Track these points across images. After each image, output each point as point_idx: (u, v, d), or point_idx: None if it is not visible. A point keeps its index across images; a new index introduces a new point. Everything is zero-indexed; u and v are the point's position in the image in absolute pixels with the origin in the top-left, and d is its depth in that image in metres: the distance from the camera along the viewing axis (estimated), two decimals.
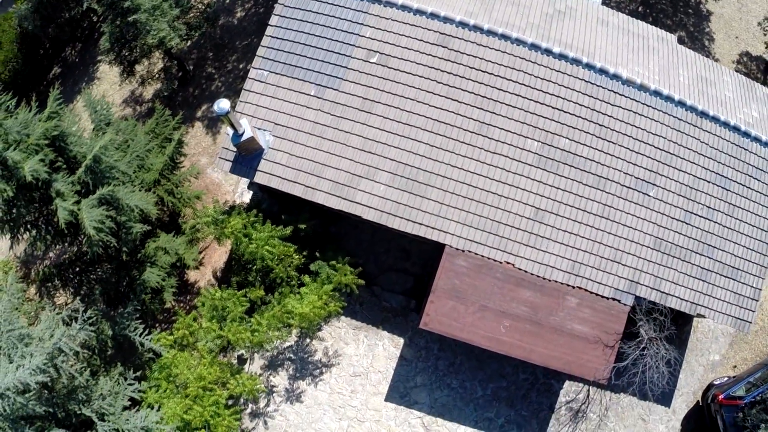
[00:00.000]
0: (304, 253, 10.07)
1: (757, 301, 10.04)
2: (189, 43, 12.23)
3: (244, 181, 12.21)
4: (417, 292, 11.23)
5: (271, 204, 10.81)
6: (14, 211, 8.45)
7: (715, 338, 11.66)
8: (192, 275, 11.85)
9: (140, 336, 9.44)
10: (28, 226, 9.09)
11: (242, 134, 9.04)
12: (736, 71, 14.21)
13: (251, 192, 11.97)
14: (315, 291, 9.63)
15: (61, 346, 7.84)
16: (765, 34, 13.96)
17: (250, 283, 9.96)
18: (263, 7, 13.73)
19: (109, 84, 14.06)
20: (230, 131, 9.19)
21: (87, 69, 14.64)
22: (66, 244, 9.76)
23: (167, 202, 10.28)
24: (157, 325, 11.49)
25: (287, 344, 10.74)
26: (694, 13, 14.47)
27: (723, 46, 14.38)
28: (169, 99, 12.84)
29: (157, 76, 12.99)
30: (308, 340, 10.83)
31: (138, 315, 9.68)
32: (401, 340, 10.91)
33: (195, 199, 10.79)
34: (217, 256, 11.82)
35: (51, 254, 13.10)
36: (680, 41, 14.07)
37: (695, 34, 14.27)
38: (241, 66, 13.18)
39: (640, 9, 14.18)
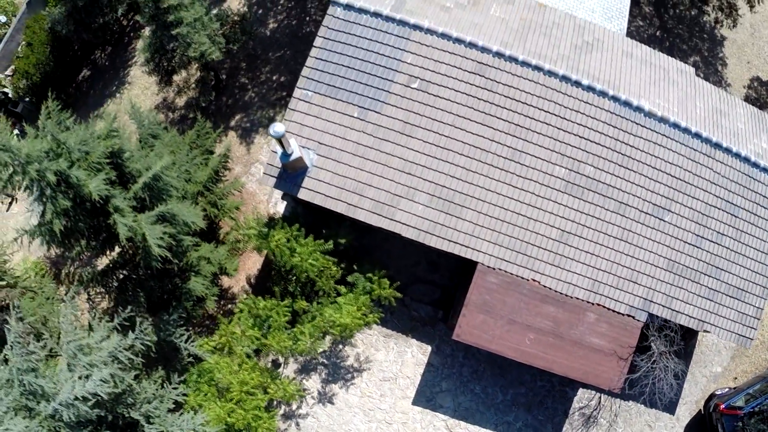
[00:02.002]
0: (342, 265, 11.13)
1: (758, 319, 11.39)
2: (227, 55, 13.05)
3: (279, 191, 13.19)
4: (444, 303, 12.40)
5: (306, 215, 11.83)
6: (71, 225, 9.28)
7: (718, 351, 13.05)
8: (226, 280, 12.85)
9: (184, 342, 10.46)
10: (78, 236, 9.96)
11: (291, 154, 10.03)
12: (747, 96, 15.50)
13: (285, 202, 12.97)
14: (353, 302, 10.72)
15: (117, 355, 8.80)
16: None
17: (290, 292, 11.01)
18: (295, 19, 14.61)
19: (140, 89, 14.85)
20: (278, 150, 10.17)
21: (117, 73, 15.38)
22: (109, 251, 10.67)
23: (209, 213, 11.24)
24: (191, 327, 12.49)
25: (321, 349, 11.83)
26: (708, 38, 15.69)
27: (735, 70, 15.64)
28: (203, 108, 13.71)
29: (194, 86, 13.83)
30: (341, 346, 11.95)
31: (182, 322, 10.68)
32: (429, 348, 12.09)
33: (235, 209, 11.76)
34: (251, 262, 12.83)
35: (82, 256, 13.96)
36: (695, 66, 15.30)
37: (709, 59, 15.50)
38: (274, 78, 14.09)
39: (657, 33, 15.36)
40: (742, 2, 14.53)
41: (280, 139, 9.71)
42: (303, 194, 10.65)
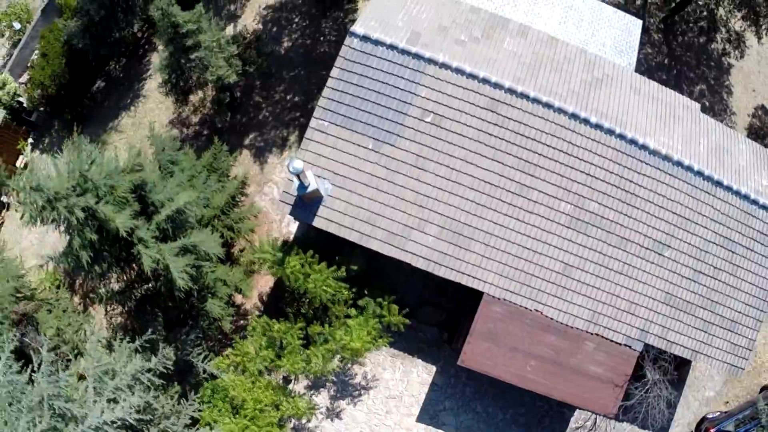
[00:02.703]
0: (353, 289, 11.78)
1: (750, 350, 12.10)
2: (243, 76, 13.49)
3: None
4: (450, 326, 13.09)
5: (318, 236, 12.42)
6: (96, 254, 9.82)
7: (711, 376, 13.80)
8: (239, 297, 13.50)
9: (201, 361, 11.15)
10: (102, 263, 10.53)
11: (308, 186, 10.59)
12: (751, 125, 16.00)
13: (298, 222, 13.56)
14: (363, 325, 11.39)
15: (139, 377, 9.46)
16: None
17: (303, 314, 11.67)
18: (310, 39, 15.01)
19: (155, 103, 15.31)
20: (296, 182, 10.72)
21: (132, 85, 15.81)
22: (129, 273, 11.27)
23: (226, 236, 11.84)
24: (204, 342, 13.18)
25: (332, 369, 12.53)
26: (715, 66, 16.12)
27: (741, 99, 16.11)
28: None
29: (209, 105, 14.29)
30: (350, 364, 12.66)
31: (198, 341, 11.36)
32: (434, 368, 12.81)
33: (250, 231, 12.36)
34: (264, 281, 13.47)
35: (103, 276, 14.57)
36: (701, 94, 15.76)
37: (715, 87, 15.96)
38: (288, 97, 14.55)
39: (665, 61, 15.79)
40: (750, 33, 14.97)
41: (300, 178, 10.25)
42: (318, 222, 11.23)
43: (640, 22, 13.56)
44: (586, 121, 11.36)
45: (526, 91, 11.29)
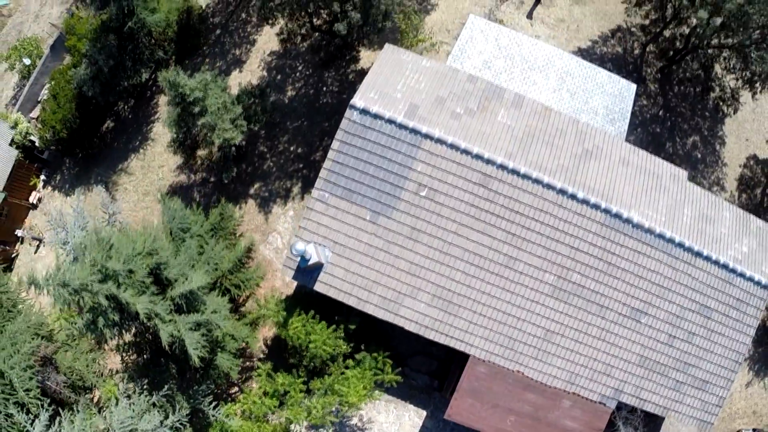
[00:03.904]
0: (351, 344, 13.16)
1: (720, 407, 13.44)
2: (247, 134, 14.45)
3: None
4: (440, 374, 14.50)
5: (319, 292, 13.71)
6: (117, 328, 11.15)
7: (685, 423, 15.19)
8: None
9: (212, 409, 12.68)
10: (122, 332, 11.86)
11: (309, 259, 11.81)
12: (742, 176, 16.80)
13: None
14: (360, 378, 12.82)
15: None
16: None
17: (305, 366, 13.10)
18: (313, 88, 15.90)
19: (162, 147, 16.39)
20: (298, 254, 11.92)
21: (141, 128, 16.87)
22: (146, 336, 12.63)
23: (233, 294, 13.18)
24: (214, 390, 14.66)
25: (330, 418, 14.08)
26: (710, 116, 16.82)
27: (733, 149, 16.88)
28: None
29: (216, 160, 15.36)
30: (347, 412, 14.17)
31: (209, 391, 12.85)
32: (424, 413, 14.30)
33: (256, 286, 13.68)
34: (267, 328, 14.87)
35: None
36: (693, 146, 16.54)
37: (708, 138, 16.73)
38: (291, 148, 15.58)
39: (660, 113, 16.52)
40: (744, 90, 15.59)
41: (303, 257, 11.45)
42: (318, 287, 12.50)
43: (634, 86, 14.33)
44: (573, 197, 12.38)
45: (516, 167, 12.28)
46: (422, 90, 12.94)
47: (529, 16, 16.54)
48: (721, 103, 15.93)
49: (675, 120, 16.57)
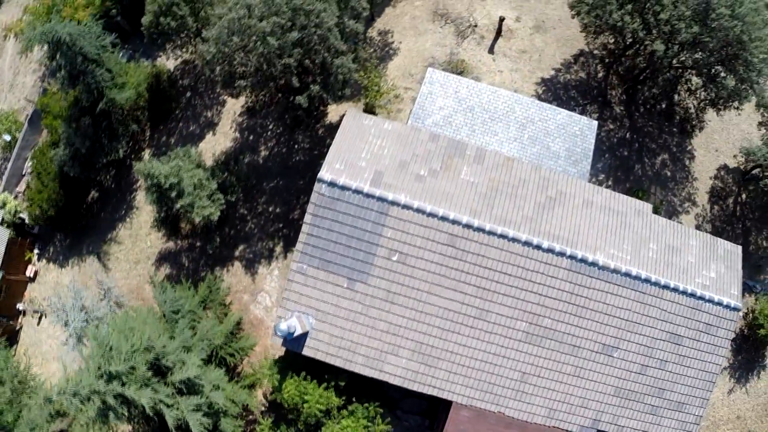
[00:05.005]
0: (343, 398, 14.46)
1: (698, 425, 14.64)
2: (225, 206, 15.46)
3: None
4: (431, 413, 15.81)
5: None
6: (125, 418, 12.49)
7: None
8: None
9: None
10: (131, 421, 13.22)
11: (294, 332, 13.01)
12: (713, 187, 17.51)
13: None
14: (354, 429, 14.16)
15: None
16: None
17: (303, 421, 14.46)
18: (285, 147, 16.80)
19: (148, 215, 17.48)
20: (282, 334, 13.10)
21: (125, 196, 17.95)
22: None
23: (229, 362, 14.47)
24: None
25: None
26: (678, 132, 17.46)
27: (703, 162, 17.57)
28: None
29: (198, 231, 16.45)
30: None
31: None
32: None
33: (249, 350, 14.95)
34: (266, 381, 16.20)
35: None
36: (663, 164, 17.24)
37: (677, 154, 17.43)
38: (270, 209, 16.60)
39: (627, 135, 17.21)
40: (709, 109, 16.20)
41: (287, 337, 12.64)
42: (306, 351, 13.73)
43: (595, 124, 15.07)
44: (538, 247, 13.36)
45: (482, 224, 13.25)
46: (386, 155, 13.84)
47: (491, 50, 17.17)
48: (686, 125, 16.60)
49: (642, 140, 17.28)
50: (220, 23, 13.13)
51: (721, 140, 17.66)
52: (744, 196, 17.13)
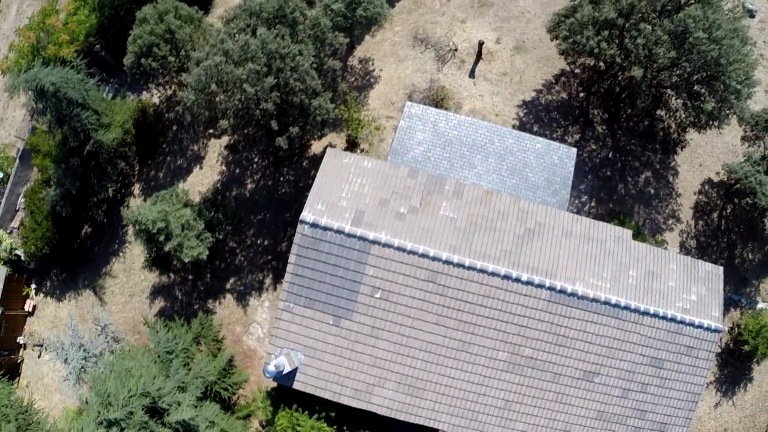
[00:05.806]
0: (335, 427, 15.29)
1: None
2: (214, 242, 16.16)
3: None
4: None
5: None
6: None
7: None
8: None
9: None
10: None
11: (282, 370, 13.78)
12: (698, 203, 17.91)
13: None
14: None
15: None
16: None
17: None
18: (271, 179, 17.40)
19: (140, 249, 18.22)
20: (270, 375, 13.86)
21: (117, 231, 18.69)
22: None
23: (224, 396, 15.31)
24: None
25: None
26: (661, 149, 17.82)
27: (687, 178, 17.93)
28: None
29: (188, 267, 17.19)
30: None
31: None
32: None
33: (243, 384, 15.78)
34: (260, 413, 17.07)
35: None
36: (646, 182, 17.64)
37: (661, 171, 17.81)
38: (258, 242, 17.27)
39: (610, 155, 17.60)
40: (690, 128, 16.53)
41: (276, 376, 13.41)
42: (297, 386, 14.52)
43: (574, 151, 15.50)
44: (518, 280, 13.95)
45: (461, 260, 13.84)
46: (366, 194, 14.40)
47: (471, 74, 17.55)
48: (668, 143, 16.95)
49: (625, 159, 17.67)
50: (198, 70, 13.65)
51: (705, 154, 17.99)
52: (729, 210, 17.54)
